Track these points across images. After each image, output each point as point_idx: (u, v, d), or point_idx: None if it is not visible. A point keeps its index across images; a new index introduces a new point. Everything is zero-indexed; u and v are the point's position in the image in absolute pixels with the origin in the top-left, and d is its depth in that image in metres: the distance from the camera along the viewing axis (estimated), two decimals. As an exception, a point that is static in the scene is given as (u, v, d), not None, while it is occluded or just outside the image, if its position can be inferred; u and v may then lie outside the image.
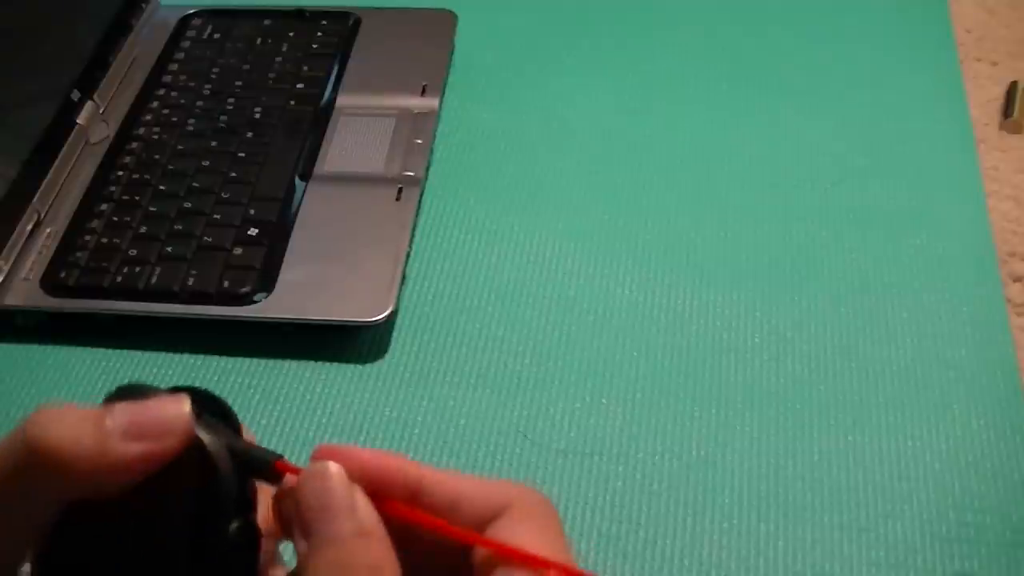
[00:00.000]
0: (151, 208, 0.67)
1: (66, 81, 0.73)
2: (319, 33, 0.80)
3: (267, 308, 0.61)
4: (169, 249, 0.64)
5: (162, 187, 0.69)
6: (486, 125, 0.75)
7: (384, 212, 0.67)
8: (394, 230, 0.65)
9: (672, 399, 0.58)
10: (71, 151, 0.71)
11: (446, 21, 0.81)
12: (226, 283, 0.62)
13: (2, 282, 0.63)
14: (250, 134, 0.72)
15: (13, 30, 0.70)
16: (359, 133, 0.72)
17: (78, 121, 0.72)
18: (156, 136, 0.73)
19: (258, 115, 0.74)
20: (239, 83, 0.76)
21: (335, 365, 0.61)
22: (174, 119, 0.74)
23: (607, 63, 0.80)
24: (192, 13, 0.83)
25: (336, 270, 0.63)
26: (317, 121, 0.73)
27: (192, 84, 0.77)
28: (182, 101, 0.75)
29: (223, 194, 0.68)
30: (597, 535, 0.53)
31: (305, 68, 0.77)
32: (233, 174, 0.69)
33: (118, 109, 0.75)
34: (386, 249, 0.64)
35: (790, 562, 0.52)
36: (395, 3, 0.83)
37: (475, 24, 0.82)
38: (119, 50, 0.78)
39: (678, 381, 0.59)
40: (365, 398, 0.59)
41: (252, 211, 0.67)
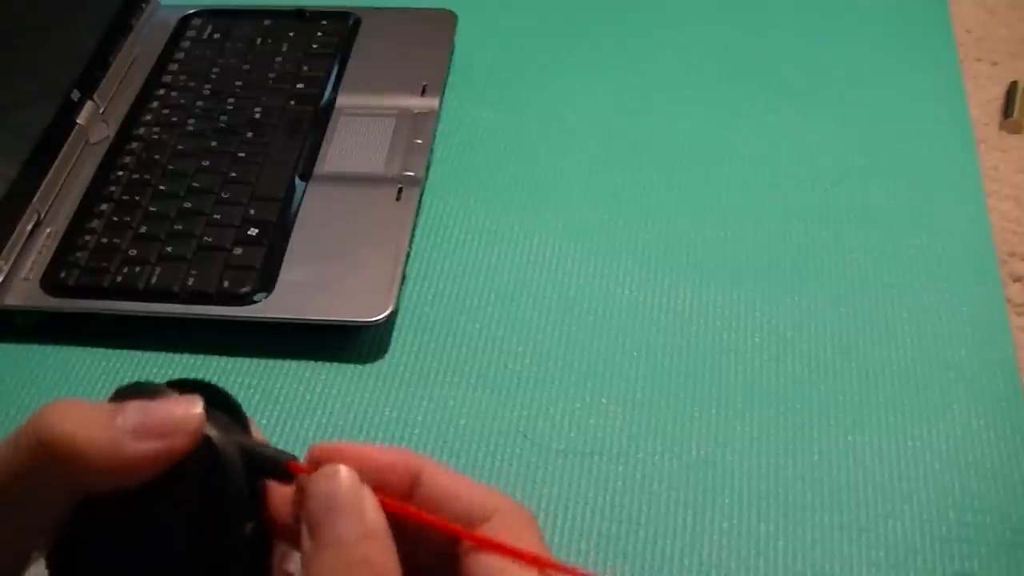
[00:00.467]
0: (151, 208, 0.67)
1: (66, 81, 0.73)
2: (319, 33, 0.80)
3: (267, 308, 0.61)
4: (169, 249, 0.64)
5: (162, 187, 0.69)
6: (486, 125, 0.75)
7: (384, 212, 0.67)
8: (394, 230, 0.65)
9: (672, 399, 0.58)
10: (71, 151, 0.71)
11: (446, 21, 0.81)
12: (226, 283, 0.62)
13: (2, 282, 0.63)
14: (250, 134, 0.72)
15: (13, 30, 0.70)
16: (359, 133, 0.72)
17: (78, 121, 0.72)
18: (156, 136, 0.73)
19: (258, 115, 0.74)
20: (239, 83, 0.77)
21: (335, 365, 0.61)
22: (174, 119, 0.74)
23: (607, 63, 0.80)
24: (192, 13, 0.83)
25: (336, 270, 0.63)
26: (317, 121, 0.73)
27: (192, 84, 0.77)
28: (182, 101, 0.75)
29: (223, 194, 0.68)
30: (597, 535, 0.53)
31: (305, 68, 0.77)
32: (233, 174, 0.69)
33: (118, 109, 0.75)
34: (386, 249, 0.64)
35: (790, 562, 0.52)
36: (395, 3, 0.83)
37: (475, 24, 0.82)
38: (119, 50, 0.78)
39: (678, 381, 0.59)
40: (365, 398, 0.59)
41: (252, 211, 0.67)
